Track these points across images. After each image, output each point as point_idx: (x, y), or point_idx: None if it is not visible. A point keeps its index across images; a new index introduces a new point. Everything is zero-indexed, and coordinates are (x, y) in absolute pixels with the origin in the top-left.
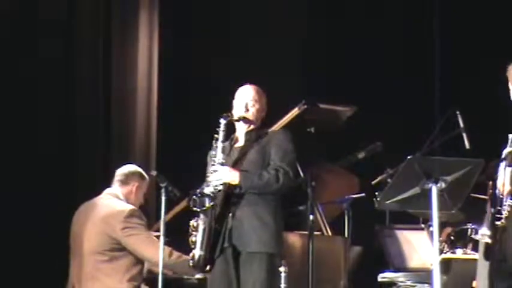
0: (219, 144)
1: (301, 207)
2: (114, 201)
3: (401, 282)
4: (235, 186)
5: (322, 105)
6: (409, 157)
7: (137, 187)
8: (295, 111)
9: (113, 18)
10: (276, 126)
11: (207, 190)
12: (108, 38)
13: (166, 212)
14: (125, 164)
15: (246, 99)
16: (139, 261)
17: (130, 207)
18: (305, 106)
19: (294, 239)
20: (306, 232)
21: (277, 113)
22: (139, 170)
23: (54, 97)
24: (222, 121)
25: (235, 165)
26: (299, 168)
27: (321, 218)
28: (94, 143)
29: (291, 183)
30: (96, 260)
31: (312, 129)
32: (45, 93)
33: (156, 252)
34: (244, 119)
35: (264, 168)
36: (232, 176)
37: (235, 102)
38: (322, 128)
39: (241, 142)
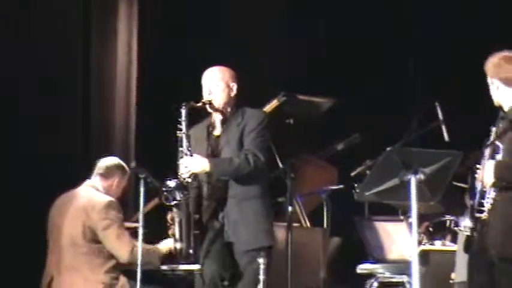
0: (183, 135)
1: (280, 199)
2: (93, 192)
3: (380, 273)
4: (208, 174)
5: (301, 97)
6: (388, 148)
7: (118, 181)
8: (274, 103)
9: (92, 12)
10: None
11: (172, 184)
12: (88, 33)
13: (145, 203)
14: (104, 156)
15: (208, 83)
16: None
17: (110, 198)
18: (284, 97)
19: (273, 230)
20: (285, 223)
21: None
22: (122, 163)
23: (33, 91)
24: (182, 110)
25: (216, 155)
26: (278, 160)
27: (299, 210)
28: (73, 135)
29: (263, 165)
30: (75, 251)
31: (291, 121)
32: (24, 89)
33: (121, 250)
34: (210, 104)
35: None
36: (202, 165)
37: (202, 87)
38: (301, 119)
39: (218, 129)
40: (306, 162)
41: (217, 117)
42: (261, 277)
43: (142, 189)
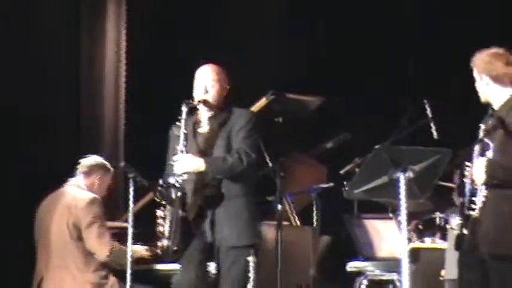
0: (181, 132)
1: (269, 198)
2: (76, 190)
3: (370, 271)
4: (202, 173)
5: (289, 96)
6: (377, 146)
7: (100, 179)
8: (262, 102)
9: (81, 11)
10: None
11: (172, 180)
12: (77, 32)
13: (134, 203)
14: (93, 155)
15: (204, 81)
16: None
17: (92, 195)
18: (272, 96)
19: (263, 229)
20: (275, 222)
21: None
22: (104, 162)
23: (23, 90)
24: (184, 108)
25: (204, 152)
26: (267, 158)
27: (289, 208)
28: (63, 133)
29: (254, 163)
30: (63, 250)
31: (280, 119)
32: (13, 88)
33: (101, 249)
34: (205, 102)
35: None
36: (197, 164)
37: (195, 84)
38: (290, 118)
39: (205, 127)
40: (296, 160)
41: (204, 115)
42: (251, 275)
43: (131, 189)
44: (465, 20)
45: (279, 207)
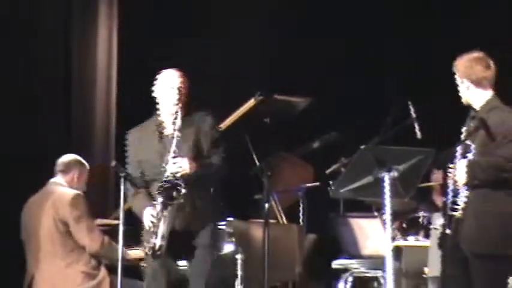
0: (175, 135)
1: (257, 196)
2: (60, 188)
3: (355, 268)
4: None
5: (277, 96)
6: (362, 147)
7: (78, 174)
8: (251, 102)
9: (73, 13)
10: (232, 118)
11: (171, 181)
12: (69, 34)
13: (125, 201)
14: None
15: (177, 85)
16: None
17: (76, 192)
18: (260, 97)
19: (251, 227)
20: (262, 220)
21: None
22: (78, 158)
23: (15, 96)
24: (179, 111)
25: (175, 154)
26: (255, 157)
27: (276, 207)
28: (55, 134)
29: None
30: (52, 246)
31: (268, 120)
32: (5, 89)
33: (93, 242)
34: (181, 105)
35: (201, 157)
36: (194, 167)
37: (161, 88)
38: (277, 118)
39: (170, 129)
40: (283, 160)
41: (168, 118)
42: (239, 272)
43: (122, 187)
44: (446, 20)
45: (266, 205)
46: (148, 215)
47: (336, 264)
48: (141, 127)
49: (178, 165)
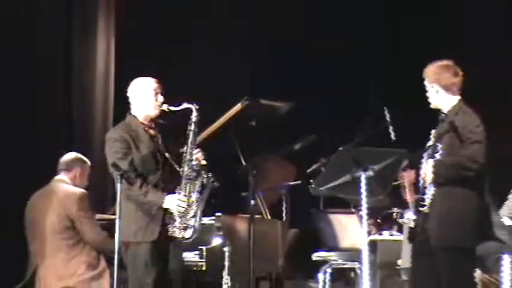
0: (192, 131)
1: (243, 193)
2: (65, 186)
3: (334, 260)
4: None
5: (262, 101)
6: (340, 148)
7: (80, 171)
8: (238, 107)
9: (73, 19)
10: (221, 121)
11: (198, 169)
12: (70, 40)
13: (121, 198)
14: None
15: (159, 90)
16: None
17: (82, 190)
18: (247, 101)
19: (237, 221)
20: (248, 215)
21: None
22: (80, 156)
23: (17, 105)
24: (194, 109)
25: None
26: (241, 158)
27: (261, 203)
28: (57, 133)
29: None
30: (56, 239)
31: (254, 123)
32: (11, 89)
33: (94, 236)
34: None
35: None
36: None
37: (145, 92)
38: (263, 121)
39: (151, 131)
40: (267, 160)
41: (152, 119)
42: (226, 264)
43: (119, 185)
44: (426, 20)
45: (252, 202)
46: (176, 201)
47: (316, 256)
48: (125, 127)
49: (201, 156)
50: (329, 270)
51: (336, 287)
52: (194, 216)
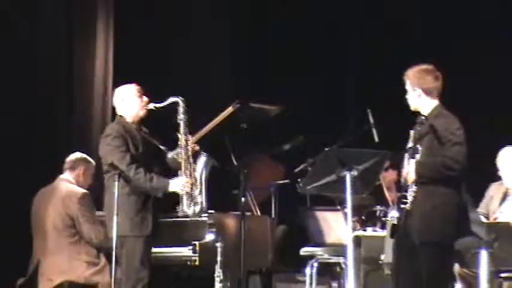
0: (182, 121)
1: (235, 191)
2: (68, 185)
3: (320, 255)
4: None
5: (253, 104)
6: (326, 149)
7: (84, 170)
8: (229, 110)
9: (74, 32)
10: (212, 123)
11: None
12: (71, 42)
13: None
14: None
15: (142, 91)
16: None
17: (83, 190)
18: (238, 105)
19: (229, 218)
20: (239, 212)
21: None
22: (84, 156)
23: (20, 95)
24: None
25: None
26: (233, 158)
27: (251, 201)
28: (60, 133)
29: None
30: (58, 236)
31: (244, 125)
32: (15, 88)
33: (93, 235)
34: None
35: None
36: None
37: (131, 97)
38: (253, 124)
39: (138, 138)
40: (257, 160)
41: (136, 119)
42: (218, 258)
43: (116, 183)
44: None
45: (243, 199)
46: (180, 184)
47: (304, 251)
48: (121, 127)
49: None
50: (316, 264)
51: (322, 281)
52: (200, 193)
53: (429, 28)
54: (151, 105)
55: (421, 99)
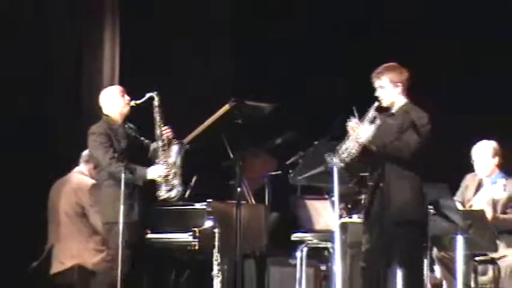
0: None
1: (231, 182)
2: (81, 177)
3: (310, 240)
4: None
5: (248, 102)
6: (315, 142)
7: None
8: (226, 107)
9: (83, 36)
10: (210, 120)
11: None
12: (80, 49)
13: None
14: None
15: (124, 92)
16: None
17: (93, 182)
18: (234, 102)
19: (226, 206)
20: (235, 201)
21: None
22: None
23: (30, 105)
24: (156, 96)
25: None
26: (230, 152)
27: (246, 190)
28: (67, 131)
29: None
30: (70, 223)
31: (240, 121)
32: (28, 91)
33: (99, 222)
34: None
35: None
36: None
37: (116, 97)
38: (248, 120)
39: (126, 127)
40: (252, 153)
41: (122, 117)
42: (216, 243)
43: (123, 175)
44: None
45: (238, 189)
46: (157, 171)
47: (294, 237)
48: (106, 124)
49: (169, 131)
50: (305, 249)
51: (311, 264)
52: (175, 176)
53: (429, 28)
54: (133, 103)
55: (398, 95)
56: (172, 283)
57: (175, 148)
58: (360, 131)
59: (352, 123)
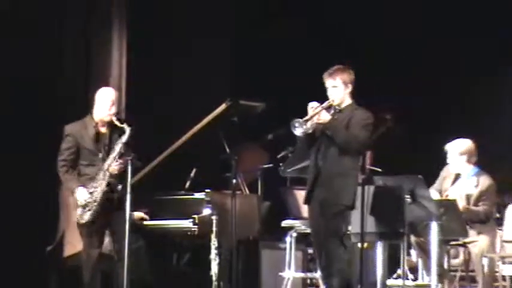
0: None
1: (227, 174)
2: None
3: (298, 227)
4: None
5: (242, 102)
6: None
7: None
8: (223, 106)
9: (92, 38)
10: (209, 118)
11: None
12: (89, 51)
13: (132, 177)
14: None
15: (116, 102)
16: None
17: None
18: (230, 102)
19: (223, 196)
20: (230, 192)
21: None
22: None
23: (43, 106)
24: (129, 132)
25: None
26: (226, 147)
27: (241, 182)
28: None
29: None
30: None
31: (236, 119)
32: (38, 90)
33: None
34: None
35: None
36: None
37: (103, 102)
38: (242, 118)
39: (102, 130)
40: (246, 148)
41: (104, 119)
42: (214, 229)
43: (129, 168)
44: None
45: (234, 181)
46: (83, 195)
47: (284, 223)
48: (81, 123)
49: (116, 168)
50: (294, 234)
51: (299, 247)
52: (92, 207)
53: (429, 28)
54: (114, 119)
55: (347, 95)
56: (174, 265)
57: (103, 185)
58: (321, 114)
59: (314, 104)
